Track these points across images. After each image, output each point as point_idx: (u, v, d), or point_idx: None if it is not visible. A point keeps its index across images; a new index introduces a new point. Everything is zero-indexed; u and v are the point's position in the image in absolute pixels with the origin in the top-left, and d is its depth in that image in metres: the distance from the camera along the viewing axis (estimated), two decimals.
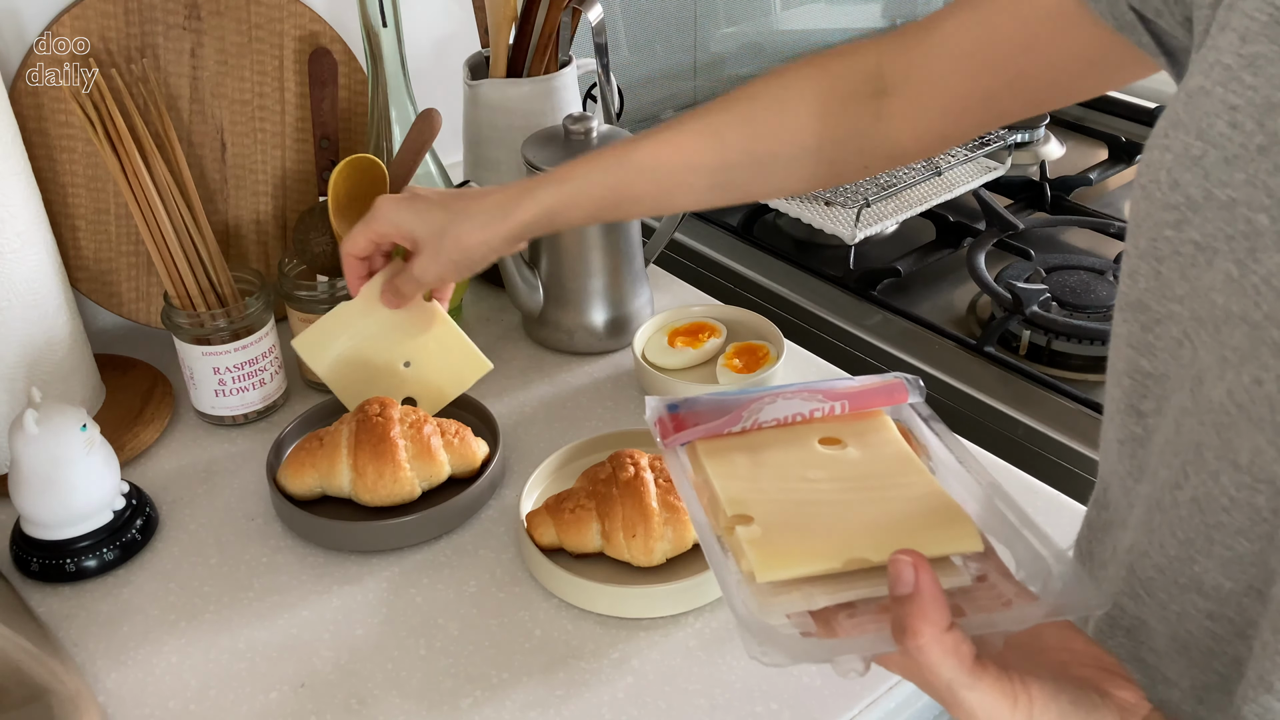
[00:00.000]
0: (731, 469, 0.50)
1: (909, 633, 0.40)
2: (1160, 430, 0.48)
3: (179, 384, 0.90)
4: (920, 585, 0.40)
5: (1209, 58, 0.43)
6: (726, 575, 0.45)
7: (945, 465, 0.52)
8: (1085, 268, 1.11)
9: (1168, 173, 0.44)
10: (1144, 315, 0.48)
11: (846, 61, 0.68)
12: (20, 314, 0.78)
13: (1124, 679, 0.43)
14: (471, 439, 0.80)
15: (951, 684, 0.40)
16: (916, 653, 0.40)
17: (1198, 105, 0.43)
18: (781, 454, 0.51)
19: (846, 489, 0.49)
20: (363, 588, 0.73)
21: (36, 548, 0.73)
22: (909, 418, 0.54)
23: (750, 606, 0.44)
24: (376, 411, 0.77)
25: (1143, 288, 0.47)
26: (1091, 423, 0.92)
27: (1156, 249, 0.45)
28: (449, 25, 1.12)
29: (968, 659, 0.40)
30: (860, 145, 0.68)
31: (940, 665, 0.40)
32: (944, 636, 0.40)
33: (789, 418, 0.53)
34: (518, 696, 0.65)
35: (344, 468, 0.76)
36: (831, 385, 0.54)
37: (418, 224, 0.74)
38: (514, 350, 0.97)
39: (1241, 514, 0.43)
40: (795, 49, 1.50)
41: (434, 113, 0.90)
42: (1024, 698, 0.41)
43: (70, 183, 0.88)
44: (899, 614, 0.40)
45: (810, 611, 0.44)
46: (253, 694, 0.66)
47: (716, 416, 0.52)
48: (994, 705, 0.40)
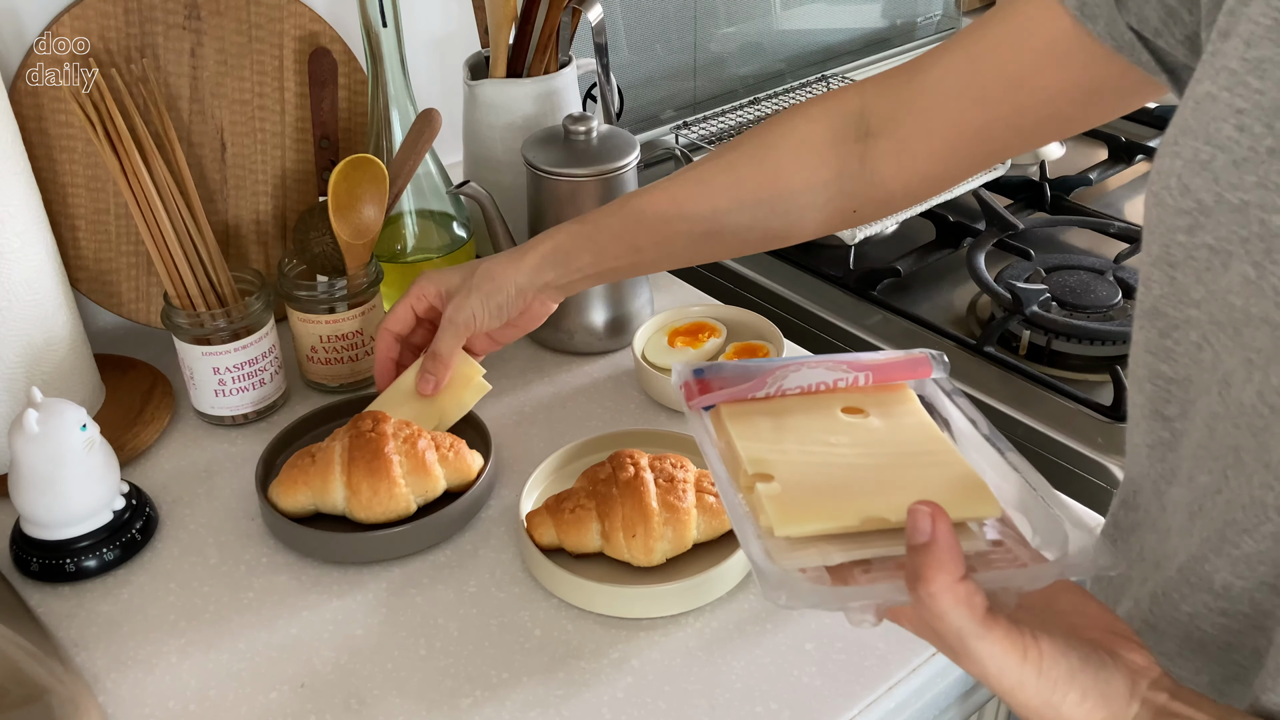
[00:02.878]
0: (754, 431, 0.51)
1: (922, 580, 0.40)
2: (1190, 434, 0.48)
3: (179, 384, 0.90)
4: (937, 534, 0.41)
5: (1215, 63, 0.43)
6: (745, 528, 0.46)
7: (967, 438, 0.52)
8: (1085, 268, 1.11)
9: (1178, 179, 0.44)
10: (1161, 321, 0.48)
11: (830, 105, 0.68)
12: (20, 314, 0.78)
13: (1135, 643, 0.44)
14: (466, 452, 0.79)
15: (962, 633, 0.41)
16: (929, 599, 0.40)
17: (1205, 110, 0.43)
18: (804, 420, 0.52)
19: (867, 454, 0.50)
20: (362, 588, 0.73)
21: (36, 548, 0.73)
22: (932, 392, 0.55)
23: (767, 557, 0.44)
24: (370, 427, 0.76)
25: (1157, 294, 0.47)
26: (1091, 423, 0.92)
27: (1170, 255, 0.45)
28: (449, 25, 1.12)
29: (979, 610, 0.41)
30: (848, 188, 0.68)
31: (951, 613, 0.40)
32: (957, 585, 0.40)
33: (813, 386, 0.54)
34: (518, 696, 0.65)
35: (338, 485, 0.75)
36: (856, 357, 0.55)
37: (451, 274, 0.78)
38: (514, 350, 0.97)
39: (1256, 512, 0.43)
40: (795, 49, 1.50)
41: (434, 113, 0.90)
42: (1034, 651, 0.41)
43: (70, 183, 0.88)
44: (914, 562, 0.41)
45: (827, 568, 0.45)
46: (253, 694, 0.66)
47: (741, 382, 0.53)
48: (1003, 656, 0.41)
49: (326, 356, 0.89)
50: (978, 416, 0.53)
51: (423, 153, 0.90)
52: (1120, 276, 1.09)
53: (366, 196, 0.86)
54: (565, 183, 0.89)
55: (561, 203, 0.90)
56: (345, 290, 0.87)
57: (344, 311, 0.87)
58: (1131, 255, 1.15)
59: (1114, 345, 1.01)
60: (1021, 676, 0.41)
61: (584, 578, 0.70)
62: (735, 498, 0.48)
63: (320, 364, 0.90)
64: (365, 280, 0.88)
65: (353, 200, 0.86)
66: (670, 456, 0.75)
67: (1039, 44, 0.56)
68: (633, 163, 0.91)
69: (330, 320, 0.87)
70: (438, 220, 0.99)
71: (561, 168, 0.88)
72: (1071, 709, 0.41)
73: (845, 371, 0.54)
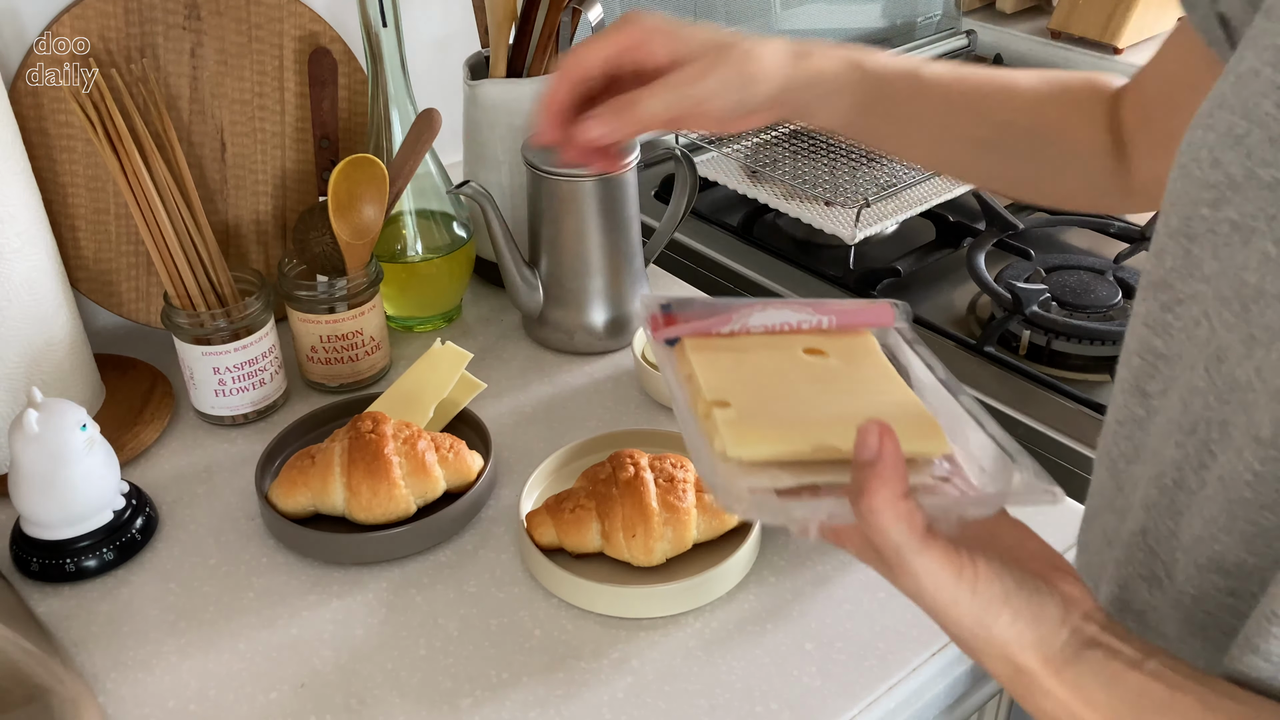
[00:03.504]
0: (715, 363, 0.53)
1: (865, 493, 0.42)
2: (1163, 411, 0.49)
3: (179, 384, 0.90)
4: (883, 451, 0.42)
5: (1261, 40, 0.43)
6: (701, 448, 0.47)
7: (925, 385, 0.54)
8: (1085, 268, 1.11)
9: (1209, 151, 0.44)
10: (1165, 294, 0.48)
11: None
12: (20, 314, 0.78)
13: (1073, 577, 0.45)
14: (466, 453, 0.79)
15: (900, 548, 0.42)
16: (869, 514, 0.41)
17: (1246, 85, 0.43)
18: (765, 356, 0.54)
19: (824, 391, 0.52)
20: (362, 588, 0.73)
21: (36, 548, 0.73)
22: (895, 341, 0.57)
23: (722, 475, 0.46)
24: (369, 428, 0.76)
25: (1169, 267, 0.47)
26: (1092, 423, 0.92)
27: (1189, 227, 0.45)
28: (449, 25, 1.11)
29: (919, 527, 0.42)
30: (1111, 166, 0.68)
31: (891, 528, 0.41)
32: (898, 502, 0.41)
33: (777, 326, 0.55)
34: (518, 696, 0.65)
35: (337, 486, 0.75)
36: (822, 302, 0.56)
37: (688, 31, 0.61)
38: (514, 350, 0.97)
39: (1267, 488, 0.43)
40: None
41: (434, 113, 0.90)
42: (969, 571, 0.42)
43: (70, 183, 0.88)
44: (858, 477, 0.42)
45: (776, 491, 0.46)
46: (253, 694, 0.66)
47: (707, 318, 0.54)
48: (939, 572, 0.42)
49: (326, 356, 0.89)
50: (935, 362, 0.54)
51: (423, 153, 0.90)
52: (1120, 276, 1.09)
53: (366, 196, 0.86)
54: (565, 183, 0.89)
55: (561, 203, 0.90)
56: (345, 290, 0.87)
57: (344, 311, 0.87)
58: (1132, 255, 1.15)
59: (1114, 345, 1.01)
60: (956, 594, 0.42)
61: (584, 578, 0.70)
62: (692, 422, 0.49)
63: (320, 364, 0.90)
64: (365, 280, 0.88)
65: (353, 200, 0.86)
66: (670, 456, 0.75)
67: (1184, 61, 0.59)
68: (633, 163, 0.91)
69: (330, 320, 0.87)
70: (438, 220, 0.99)
71: (561, 168, 0.88)
72: (1003, 629, 0.42)
73: (810, 314, 0.55)
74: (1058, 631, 0.43)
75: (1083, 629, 0.43)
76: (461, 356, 0.83)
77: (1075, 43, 1.59)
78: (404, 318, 0.99)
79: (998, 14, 1.70)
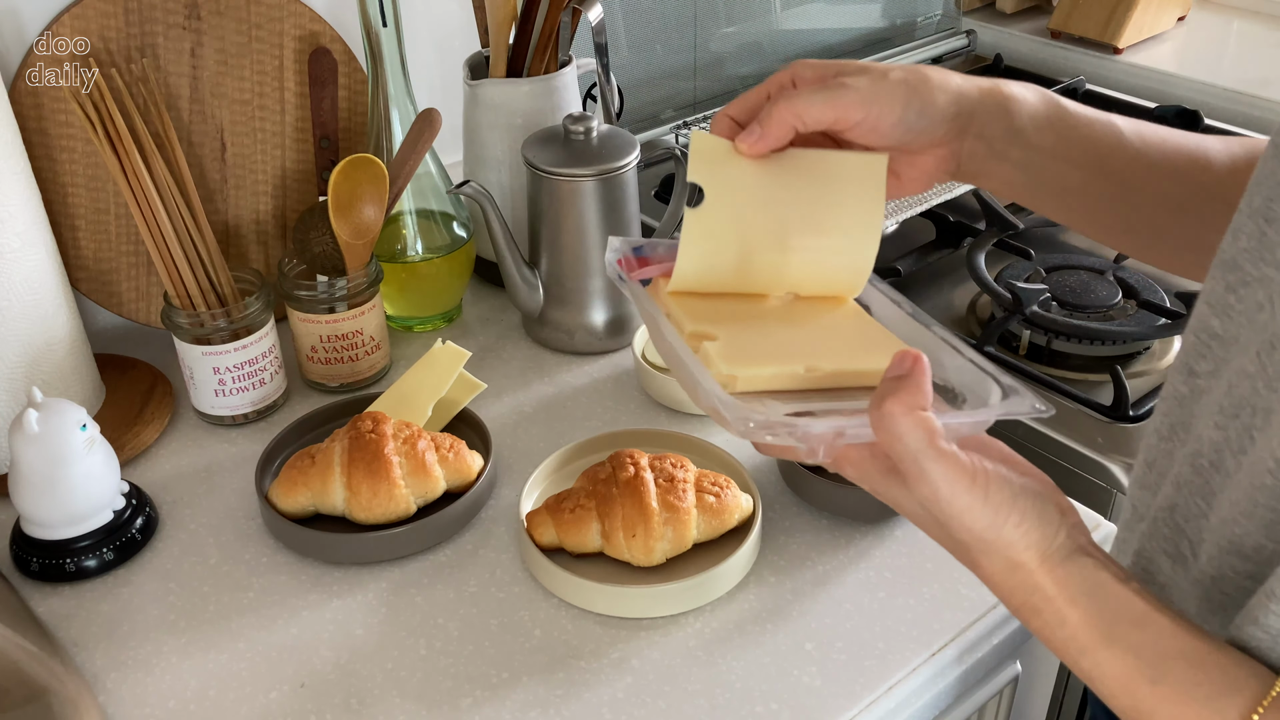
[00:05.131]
0: (690, 301, 0.54)
1: (889, 400, 0.44)
2: (1209, 392, 0.49)
3: (179, 384, 0.90)
4: (915, 371, 0.44)
5: None
6: (702, 376, 0.49)
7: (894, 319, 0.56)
8: (1085, 268, 1.11)
9: None
10: (1233, 275, 0.48)
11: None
12: (20, 314, 0.78)
13: (1060, 491, 0.47)
14: (466, 452, 0.79)
15: (918, 454, 0.44)
16: (889, 419, 0.43)
17: None
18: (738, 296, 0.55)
19: (799, 325, 0.54)
20: (362, 588, 0.73)
21: (36, 548, 0.73)
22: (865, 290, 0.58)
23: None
24: (369, 428, 0.76)
25: (1242, 246, 0.47)
26: (1092, 423, 0.92)
27: (1271, 209, 0.45)
28: (449, 25, 1.11)
29: (936, 436, 0.44)
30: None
31: (909, 435, 0.43)
32: (918, 411, 0.44)
33: None
34: (518, 696, 0.65)
35: (337, 486, 0.75)
36: None
37: (858, 74, 0.55)
38: (514, 350, 0.97)
39: None
40: (795, 49, 1.50)
41: (434, 113, 0.90)
42: (982, 477, 0.44)
43: (70, 183, 0.88)
44: (885, 388, 0.44)
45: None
46: (253, 694, 0.66)
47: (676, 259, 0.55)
48: (955, 478, 0.44)
49: (326, 356, 0.89)
50: (901, 299, 0.57)
51: (423, 153, 0.90)
52: (1120, 276, 1.09)
53: (366, 196, 0.86)
54: (565, 183, 0.89)
55: (561, 203, 0.90)
56: (345, 290, 0.87)
57: (344, 311, 0.87)
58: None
59: (1114, 345, 1.01)
60: (970, 500, 0.44)
61: (584, 578, 0.70)
62: (687, 352, 0.50)
63: (320, 364, 0.90)
64: (365, 280, 0.88)
65: (353, 200, 0.86)
66: (670, 456, 0.75)
67: None
68: (633, 163, 0.91)
69: (330, 320, 0.87)
70: (438, 220, 0.99)
71: (561, 168, 0.88)
72: (1011, 530, 0.45)
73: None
74: (1057, 533, 0.45)
75: (1076, 535, 0.46)
76: (460, 355, 0.83)
77: (1075, 43, 1.59)
78: (404, 318, 0.99)
79: (998, 14, 1.70)
